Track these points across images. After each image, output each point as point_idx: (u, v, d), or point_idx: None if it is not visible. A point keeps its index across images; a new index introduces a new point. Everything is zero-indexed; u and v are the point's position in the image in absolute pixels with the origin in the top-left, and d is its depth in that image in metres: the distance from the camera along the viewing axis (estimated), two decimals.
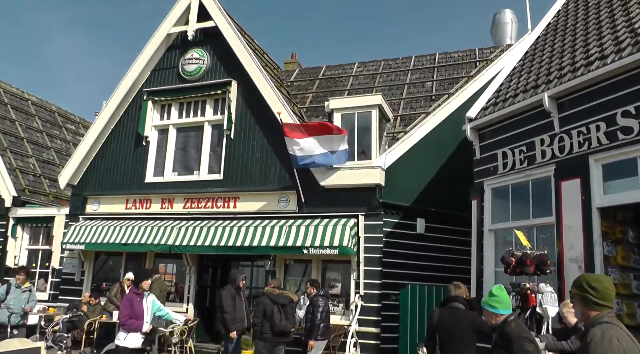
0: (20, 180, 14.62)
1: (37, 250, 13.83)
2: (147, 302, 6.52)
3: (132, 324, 6.23)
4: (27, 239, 13.96)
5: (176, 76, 12.34)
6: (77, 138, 18.91)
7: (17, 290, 8.69)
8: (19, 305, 8.59)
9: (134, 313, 6.30)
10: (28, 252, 13.94)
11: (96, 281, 12.42)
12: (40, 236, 13.84)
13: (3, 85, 17.82)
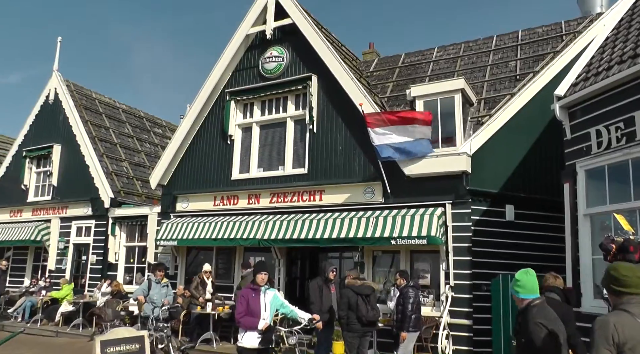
0: (115, 183, 16.01)
1: (134, 247, 15.13)
2: (266, 298, 6.02)
3: (246, 322, 5.84)
4: (124, 236, 15.28)
5: (257, 75, 12.98)
6: (164, 141, 20.34)
7: (158, 285, 9.49)
8: (161, 299, 9.41)
9: (250, 309, 5.88)
10: (126, 249, 15.26)
11: (189, 275, 13.34)
12: (136, 233, 15.12)
13: (97, 95, 19.57)
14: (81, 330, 13.47)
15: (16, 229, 17.21)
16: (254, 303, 5.91)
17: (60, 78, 18.33)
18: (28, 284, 16.74)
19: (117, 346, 6.26)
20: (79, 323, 13.65)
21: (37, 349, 11.66)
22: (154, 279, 9.56)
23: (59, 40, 18.62)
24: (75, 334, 13.33)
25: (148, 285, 9.45)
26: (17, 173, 18.65)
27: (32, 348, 11.74)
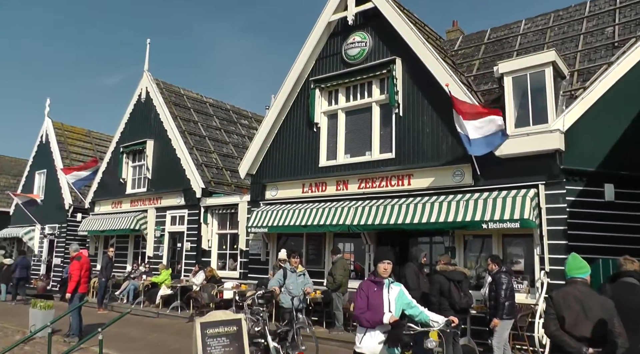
0: (206, 173, 17.14)
1: (226, 234, 16.19)
2: (390, 294, 4.98)
3: (368, 317, 4.83)
4: (216, 224, 16.37)
5: (340, 62, 13.38)
6: (251, 132, 21.47)
7: (293, 275, 9.28)
8: (298, 289, 9.14)
9: (371, 305, 4.87)
10: (218, 236, 16.35)
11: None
12: (227, 221, 16.14)
13: (185, 92, 20.97)
14: (179, 312, 14.69)
15: (117, 219, 19.01)
16: (376, 299, 4.93)
17: (150, 78, 19.83)
18: (130, 269, 18.48)
19: (216, 327, 6.78)
20: (177, 306, 14.91)
21: (142, 328, 12.92)
22: (289, 268, 9.34)
23: (148, 42, 20.22)
24: (174, 315, 14.57)
25: (283, 274, 9.30)
26: (116, 168, 20.55)
27: (137, 326, 13.03)
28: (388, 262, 5.02)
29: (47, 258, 24.05)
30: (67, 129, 26.71)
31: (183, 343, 10.64)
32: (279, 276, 9.30)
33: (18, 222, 26.30)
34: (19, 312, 15.16)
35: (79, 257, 11.29)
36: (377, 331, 4.88)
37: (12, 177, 30.89)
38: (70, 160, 24.47)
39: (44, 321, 10.78)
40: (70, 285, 10.99)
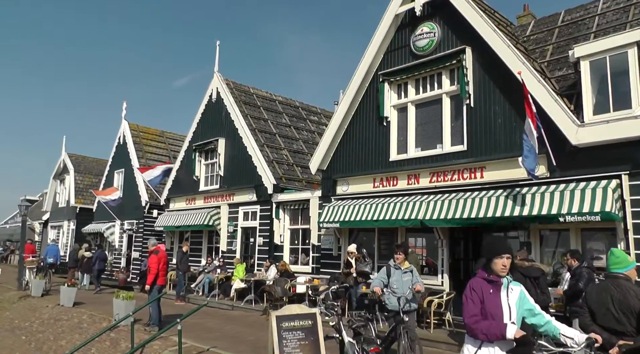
0: (277, 170, 17.76)
1: (297, 229, 16.72)
2: (510, 297, 3.95)
3: (485, 328, 3.79)
4: (288, 220, 16.94)
5: (409, 54, 13.49)
6: (320, 127, 21.98)
7: (398, 272, 8.35)
8: (404, 288, 8.13)
9: (487, 312, 3.88)
10: (290, 231, 16.92)
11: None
12: (299, 216, 16.67)
13: (254, 90, 21.82)
14: (253, 305, 15.38)
15: (192, 215, 20.07)
16: (493, 304, 3.91)
17: (220, 78, 20.78)
18: (204, 263, 19.51)
19: (292, 321, 7.08)
20: (250, 299, 15.63)
21: (218, 319, 13.68)
22: (393, 264, 8.46)
23: (218, 44, 21.38)
24: (248, 308, 15.29)
25: (386, 272, 8.44)
26: (190, 166, 21.71)
27: (214, 318, 13.81)
28: (508, 256, 3.99)
29: (127, 252, 25.82)
30: (142, 130, 28.45)
31: (258, 334, 11.20)
32: (381, 275, 8.50)
33: (100, 219, 28.43)
34: (103, 301, 16.64)
35: (157, 252, 12.12)
36: (496, 348, 3.83)
37: (94, 177, 33.15)
38: (146, 159, 26.04)
39: (126, 311, 11.79)
40: (150, 278, 11.83)
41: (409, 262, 11.43)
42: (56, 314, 14.69)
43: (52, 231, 36.47)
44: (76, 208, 31.67)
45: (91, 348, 10.93)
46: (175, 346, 9.37)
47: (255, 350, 9.44)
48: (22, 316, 15.82)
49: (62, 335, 12.91)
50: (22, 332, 14.18)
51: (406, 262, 8.49)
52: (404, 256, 8.45)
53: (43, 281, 18.64)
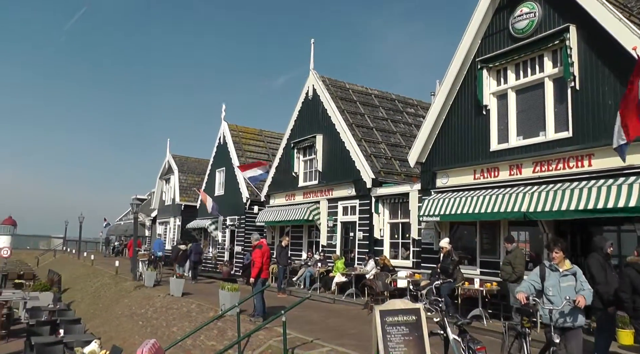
0: (375, 164, 18.16)
1: (397, 223, 17.02)
2: None
3: None
4: (387, 214, 17.29)
5: (507, 37, 13.20)
6: (417, 119, 22.13)
7: (555, 274, 6.72)
8: (561, 297, 6.45)
9: None
10: (390, 225, 17.26)
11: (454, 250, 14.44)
12: (398, 210, 16.96)
13: (350, 85, 22.42)
14: (354, 299, 15.90)
15: (291, 211, 21.03)
16: None
17: (316, 75, 21.53)
18: (305, 257, 20.39)
19: (395, 316, 7.17)
20: (351, 293, 16.19)
21: (320, 312, 14.31)
22: (548, 264, 6.88)
23: (312, 42, 22.01)
24: (349, 302, 15.83)
25: (540, 273, 6.84)
26: (288, 163, 22.75)
27: (316, 311, 14.46)
28: None
29: (229, 246, 27.52)
30: (241, 130, 30.12)
31: (360, 328, 11.62)
32: (533, 277, 6.93)
33: (204, 215, 30.54)
34: (208, 292, 18.09)
35: (260, 246, 12.94)
36: None
37: (197, 176, 35.54)
38: (245, 158, 27.53)
39: (231, 302, 12.76)
40: (254, 271, 12.63)
41: (517, 257, 11.23)
42: (167, 303, 16.15)
43: (160, 227, 39.70)
44: (181, 205, 34.38)
45: (200, 335, 12.01)
46: (280, 337, 10.00)
47: (359, 343, 9.76)
48: (138, 304, 17.55)
49: (173, 322, 14.25)
50: (138, 318, 15.85)
51: (567, 262, 6.79)
52: (562, 254, 6.71)
53: (154, 273, 20.60)
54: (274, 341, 10.46)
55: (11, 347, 15.07)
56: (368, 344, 8.69)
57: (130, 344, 13.23)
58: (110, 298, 20.87)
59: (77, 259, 41.43)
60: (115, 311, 18.07)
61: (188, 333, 12.06)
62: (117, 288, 21.87)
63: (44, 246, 66.38)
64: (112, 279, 24.41)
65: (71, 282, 28.77)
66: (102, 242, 57.23)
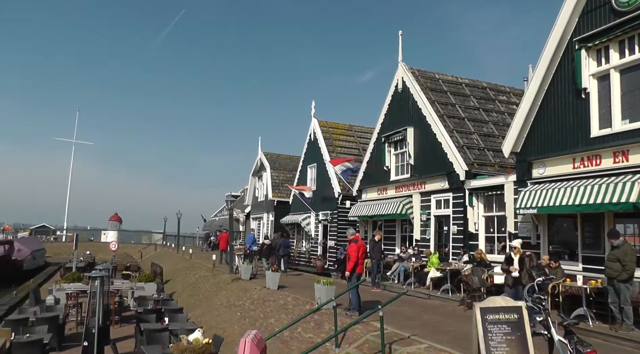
0: (468, 155, 17.74)
1: (492, 216, 16.52)
2: None
3: None
4: (482, 207, 16.83)
5: (609, 12, 12.33)
6: (510, 107, 21.37)
7: None
8: None
9: None
10: (484, 219, 16.81)
11: (553, 244, 13.91)
12: (493, 203, 16.47)
13: (440, 76, 22.07)
14: (450, 295, 15.63)
15: (384, 205, 20.99)
16: None
17: (405, 67, 21.38)
18: (398, 251, 20.32)
19: (496, 314, 6.94)
20: (447, 288, 15.91)
21: (415, 308, 14.23)
22: None
23: (400, 34, 21.87)
24: (444, 298, 15.59)
25: None
26: (379, 157, 22.73)
27: (411, 306, 14.41)
28: None
29: (322, 241, 27.99)
30: (331, 126, 30.55)
31: (457, 325, 11.44)
32: None
33: (296, 210, 31.26)
34: (303, 285, 18.59)
35: (356, 240, 13.05)
36: None
37: (289, 172, 36.46)
38: (336, 153, 27.86)
39: (327, 296, 12.98)
40: (350, 265, 12.78)
41: (627, 253, 10.35)
42: (264, 296, 16.70)
43: (253, 222, 41.28)
44: (274, 201, 35.45)
45: (297, 327, 12.33)
46: (376, 331, 10.07)
47: (456, 341, 9.59)
48: (235, 296, 18.29)
49: (270, 314, 14.72)
50: (237, 309, 16.55)
51: None
52: None
53: (250, 266, 21.42)
54: (370, 336, 10.52)
55: (124, 331, 16.21)
56: (466, 342, 8.56)
57: (230, 334, 13.82)
58: (209, 289, 21.82)
59: (176, 253, 43.71)
60: (215, 302, 18.91)
61: (286, 325, 12.41)
62: (215, 280, 22.84)
63: (146, 241, 71.11)
64: (209, 272, 25.53)
65: (172, 274, 30.34)
66: (200, 237, 60.22)
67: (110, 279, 15.51)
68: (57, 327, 13.92)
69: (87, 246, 52.90)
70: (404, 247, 20.06)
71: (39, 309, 15.81)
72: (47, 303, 17.75)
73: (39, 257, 42.89)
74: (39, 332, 12.61)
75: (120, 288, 20.16)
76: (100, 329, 11.64)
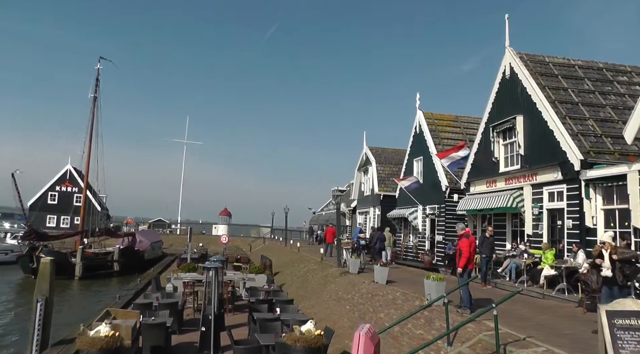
0: (583, 143, 16.54)
1: (613, 209, 15.25)
2: None
3: None
4: (600, 199, 15.59)
5: None
6: (631, 88, 19.74)
7: None
8: None
9: None
10: (604, 212, 15.57)
11: None
12: (614, 195, 15.19)
13: (550, 59, 20.92)
14: (566, 295, 14.68)
15: (493, 198, 20.15)
16: None
17: (512, 53, 20.33)
18: (509, 247, 19.44)
19: (627, 318, 6.35)
20: (562, 288, 14.95)
21: (528, 307, 13.49)
22: None
23: (507, 17, 20.76)
24: (560, 298, 14.66)
25: None
26: (488, 148, 21.85)
27: (524, 306, 13.67)
28: None
29: (430, 235, 27.47)
30: (436, 117, 29.93)
31: (576, 329, 10.68)
32: None
33: (403, 204, 31.01)
34: (412, 280, 18.39)
35: (467, 235, 12.64)
36: None
37: (394, 166, 36.20)
38: (442, 145, 27.21)
39: (437, 292, 12.71)
40: (462, 261, 12.41)
41: None
42: (372, 290, 16.66)
43: (359, 217, 41.51)
44: (380, 196, 35.32)
45: (407, 323, 12.20)
46: (489, 331, 9.70)
47: (575, 345, 9.01)
48: (344, 289, 18.43)
49: (379, 309, 14.67)
50: (345, 302, 16.70)
51: None
52: None
53: (358, 260, 21.43)
54: (483, 335, 10.12)
55: (237, 319, 16.93)
56: (587, 347, 8.05)
57: (340, 327, 13.95)
58: (317, 282, 22.13)
59: (284, 247, 44.93)
60: (323, 295, 19.17)
61: (397, 321, 12.29)
62: (323, 273, 23.12)
63: (254, 234, 74.16)
64: (317, 265, 25.90)
65: (280, 267, 31.11)
66: (306, 231, 61.57)
67: (223, 270, 16.36)
68: (176, 312, 14.91)
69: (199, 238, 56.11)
70: (515, 243, 19.15)
71: (160, 295, 17.01)
72: (167, 290, 19.23)
73: (157, 249, 46.86)
74: (162, 316, 13.58)
75: (233, 279, 21.13)
76: (216, 317, 12.48)
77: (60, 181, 74.78)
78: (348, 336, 12.46)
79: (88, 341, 9.60)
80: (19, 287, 30.81)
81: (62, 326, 16.42)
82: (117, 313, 12.78)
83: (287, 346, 9.56)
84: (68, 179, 74.55)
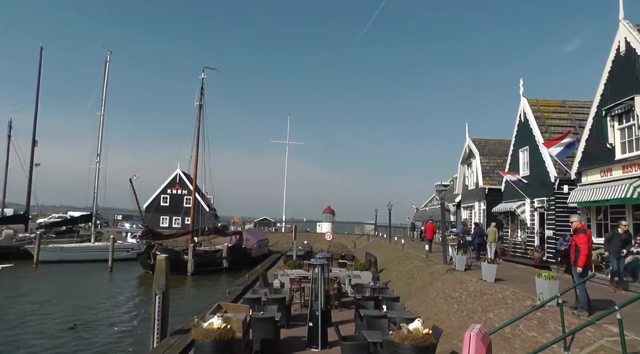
0: None
1: None
2: None
3: None
4: None
5: None
6: None
7: None
8: None
9: None
10: None
11: None
12: None
13: None
14: None
15: (609, 188, 18.59)
16: None
17: (628, 26, 18.46)
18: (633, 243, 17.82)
19: None
20: None
21: None
22: None
23: None
24: None
25: None
26: (600, 133, 20.10)
27: None
28: None
29: (539, 230, 25.90)
30: (542, 103, 28.17)
31: None
32: None
33: (509, 198, 29.58)
34: (522, 279, 17.43)
35: (584, 230, 11.57)
36: None
37: (499, 157, 34.63)
38: (549, 133, 25.61)
39: (549, 291, 11.78)
40: (582, 259, 11.32)
41: None
42: (480, 288, 15.95)
43: (464, 212, 40.16)
44: (485, 189, 33.91)
45: (519, 324, 11.44)
46: (612, 337, 8.83)
47: None
48: (450, 287, 17.84)
49: (488, 308, 13.96)
50: (453, 301, 16.11)
51: None
52: None
53: (464, 257, 20.77)
54: (605, 341, 9.13)
55: (344, 315, 16.85)
56: None
57: (448, 326, 13.44)
58: (423, 280, 21.58)
59: (388, 243, 44.54)
60: (430, 293, 18.64)
61: (508, 321, 11.55)
62: (429, 270, 22.55)
63: (358, 232, 74.27)
64: (423, 262, 25.35)
65: (385, 264, 30.75)
66: (409, 227, 60.83)
67: (329, 266, 16.43)
68: (284, 307, 15.15)
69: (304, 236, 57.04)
70: (638, 238, 17.55)
71: (268, 290, 17.44)
72: (274, 286, 19.72)
73: (263, 246, 48.54)
74: (270, 311, 13.87)
75: (338, 276, 21.12)
76: (323, 312, 12.67)
77: (170, 184, 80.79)
78: (457, 336, 11.97)
79: (203, 332, 9.98)
80: (140, 281, 33.05)
81: (178, 318, 17.36)
82: (228, 307, 13.16)
83: (395, 344, 9.33)
84: (178, 183, 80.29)
